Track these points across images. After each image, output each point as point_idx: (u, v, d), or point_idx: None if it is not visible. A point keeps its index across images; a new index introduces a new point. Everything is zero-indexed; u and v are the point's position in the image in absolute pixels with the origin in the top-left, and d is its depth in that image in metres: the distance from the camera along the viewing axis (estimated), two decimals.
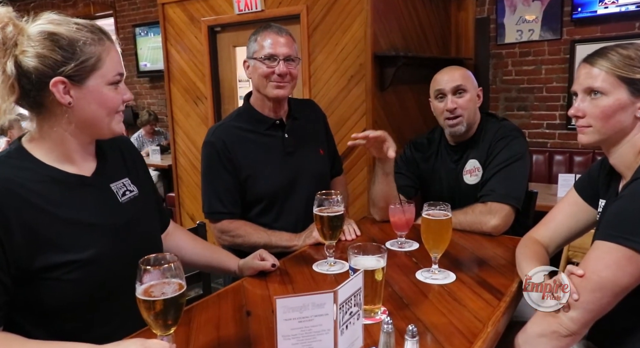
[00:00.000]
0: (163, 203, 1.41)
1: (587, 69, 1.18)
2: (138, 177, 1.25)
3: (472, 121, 1.83)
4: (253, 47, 1.68)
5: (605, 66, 1.15)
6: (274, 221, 1.71)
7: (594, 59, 1.17)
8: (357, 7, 3.23)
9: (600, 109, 1.15)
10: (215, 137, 1.69)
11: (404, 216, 1.54)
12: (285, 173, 1.71)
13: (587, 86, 1.17)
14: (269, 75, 1.66)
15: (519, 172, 1.72)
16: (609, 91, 1.14)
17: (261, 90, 1.69)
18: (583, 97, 1.19)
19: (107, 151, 1.21)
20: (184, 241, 1.42)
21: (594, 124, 1.17)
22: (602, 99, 1.15)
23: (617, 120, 1.15)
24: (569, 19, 3.86)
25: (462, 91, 1.80)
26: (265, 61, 1.65)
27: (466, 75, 1.84)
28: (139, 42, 6.38)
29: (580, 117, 1.19)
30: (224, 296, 1.26)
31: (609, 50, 1.16)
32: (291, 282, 1.33)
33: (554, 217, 1.39)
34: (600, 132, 1.17)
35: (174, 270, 0.90)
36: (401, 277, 1.34)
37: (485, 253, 1.51)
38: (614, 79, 1.14)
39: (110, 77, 1.06)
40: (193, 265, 1.45)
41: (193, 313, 1.16)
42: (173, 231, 1.43)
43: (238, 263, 1.39)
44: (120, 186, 1.18)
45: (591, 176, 1.33)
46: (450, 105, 1.79)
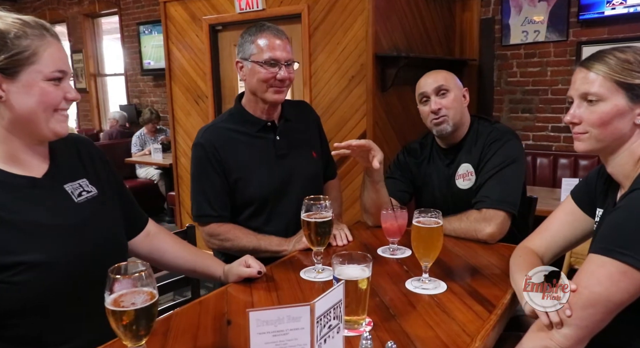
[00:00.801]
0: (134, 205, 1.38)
1: (583, 74, 1.13)
2: (98, 178, 1.23)
3: (458, 121, 1.78)
4: (250, 49, 1.62)
5: (602, 70, 1.10)
6: (264, 225, 1.67)
7: (590, 63, 1.13)
8: (359, 7, 3.19)
9: (598, 116, 1.10)
10: (205, 139, 1.65)
11: (396, 222, 1.50)
12: (276, 176, 1.68)
13: (583, 91, 1.12)
14: (269, 80, 1.62)
15: (514, 176, 1.67)
16: (607, 97, 1.09)
17: (259, 94, 1.65)
18: (579, 103, 1.14)
19: (62, 152, 1.18)
20: (167, 244, 1.39)
21: (591, 131, 1.12)
22: (599, 105, 1.10)
23: (615, 127, 1.10)
24: (575, 20, 3.79)
25: (444, 91, 1.76)
26: (265, 66, 1.61)
27: (448, 76, 1.80)
28: (143, 40, 6.37)
29: (576, 123, 1.14)
30: (205, 304, 1.22)
31: (606, 53, 1.11)
32: (277, 289, 1.29)
33: (550, 226, 1.34)
34: (598, 139, 1.12)
35: (144, 279, 0.86)
36: (390, 286, 1.30)
37: (479, 262, 1.47)
38: (611, 84, 1.09)
39: (47, 72, 1.04)
40: (176, 270, 1.41)
41: (172, 321, 1.13)
42: (156, 233, 1.39)
43: (223, 269, 1.35)
44: (77, 186, 1.16)
45: (589, 184, 1.28)
46: (434, 106, 1.75)
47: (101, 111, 7.53)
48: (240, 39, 1.66)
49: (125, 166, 5.54)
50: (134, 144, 5.63)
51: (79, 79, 7.51)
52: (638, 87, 1.08)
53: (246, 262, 1.33)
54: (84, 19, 7.13)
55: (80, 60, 7.38)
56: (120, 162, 5.53)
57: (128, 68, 6.82)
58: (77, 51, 7.37)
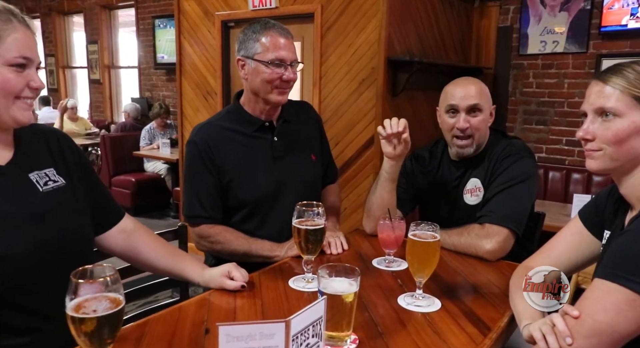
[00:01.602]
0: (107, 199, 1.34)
1: (599, 87, 1.06)
2: (68, 169, 1.19)
3: (481, 142, 1.70)
4: (254, 48, 1.56)
5: (620, 84, 1.03)
6: (257, 229, 1.61)
7: (607, 77, 1.05)
8: (373, 9, 3.12)
9: (613, 132, 1.03)
10: (199, 137, 1.59)
11: (393, 233, 1.43)
12: (272, 178, 1.61)
13: (598, 105, 1.05)
14: (274, 81, 1.55)
15: (524, 194, 1.58)
16: (624, 113, 1.02)
17: (262, 95, 1.59)
18: (593, 118, 1.07)
19: (29, 141, 1.16)
20: (144, 243, 1.33)
21: (605, 149, 1.05)
22: (616, 121, 1.03)
23: (631, 146, 1.03)
24: (596, 31, 3.68)
25: (477, 110, 1.66)
26: (270, 66, 1.54)
27: (483, 92, 1.69)
28: (158, 34, 6.37)
29: (589, 140, 1.07)
30: (185, 310, 1.16)
31: (624, 67, 1.04)
32: (262, 298, 1.23)
33: (554, 246, 1.26)
34: (612, 158, 1.05)
35: (110, 284, 0.80)
36: (381, 301, 1.23)
37: (478, 279, 1.39)
38: (629, 100, 1.02)
39: (9, 57, 1.00)
40: (152, 270, 1.36)
41: (147, 327, 1.07)
42: (133, 231, 1.33)
43: (203, 274, 1.29)
44: (43, 176, 1.13)
45: (598, 204, 1.21)
46: (463, 124, 1.64)
47: (113, 103, 7.55)
48: (242, 35, 1.59)
49: (133, 159, 5.53)
50: (142, 138, 5.61)
51: (93, 70, 7.54)
52: None
53: (230, 273, 1.26)
54: (101, 11, 7.15)
55: (95, 51, 7.41)
56: (128, 155, 5.53)
57: (142, 61, 6.83)
58: (93, 42, 7.40)
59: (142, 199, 5.39)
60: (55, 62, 8.20)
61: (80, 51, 7.91)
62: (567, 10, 3.79)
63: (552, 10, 3.87)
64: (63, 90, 8.24)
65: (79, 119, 6.76)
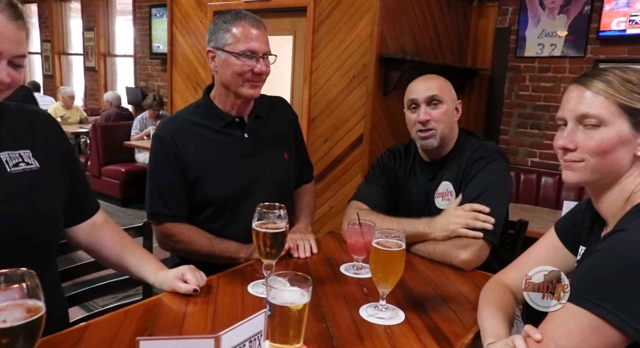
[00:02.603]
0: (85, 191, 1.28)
1: (579, 92, 0.98)
2: (47, 154, 1.15)
3: (446, 136, 1.64)
4: (224, 38, 1.48)
5: (604, 89, 0.95)
6: (223, 229, 1.53)
7: (588, 81, 0.98)
8: (366, 4, 3.05)
9: (597, 142, 0.95)
10: (165, 131, 1.52)
11: (362, 238, 1.36)
12: (241, 176, 1.54)
13: (581, 112, 0.97)
14: (245, 73, 1.48)
15: (497, 201, 1.52)
16: (609, 121, 0.94)
17: (232, 88, 1.51)
18: (574, 126, 0.98)
19: (9, 120, 1.11)
20: (107, 238, 1.28)
21: (588, 160, 0.97)
22: (600, 130, 0.95)
23: (615, 157, 0.95)
24: (595, 36, 3.61)
25: (437, 101, 1.61)
26: (241, 58, 1.47)
27: (443, 85, 1.65)
28: (154, 23, 6.29)
29: (570, 149, 0.99)
30: (132, 314, 1.10)
31: (607, 72, 0.97)
32: (216, 303, 1.17)
33: (528, 259, 1.19)
34: (594, 170, 0.97)
35: (27, 291, 0.74)
36: (342, 311, 1.17)
37: (448, 291, 1.33)
38: (614, 108, 0.94)
39: None
40: (113, 267, 1.31)
41: (86, 333, 1.00)
42: (100, 225, 1.29)
43: (158, 275, 1.22)
44: (16, 156, 1.09)
45: (575, 217, 1.14)
46: (423, 116, 1.60)
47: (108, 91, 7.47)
48: (213, 25, 1.51)
49: (124, 149, 5.46)
50: (134, 127, 5.54)
51: (88, 58, 7.46)
52: None
53: (183, 276, 1.19)
54: None
55: (91, 38, 7.32)
56: (119, 145, 5.46)
57: (137, 50, 6.74)
58: (89, 29, 7.31)
59: (131, 190, 5.32)
60: (51, 48, 8.11)
61: (77, 38, 7.82)
62: (566, 13, 3.72)
63: (551, 12, 3.80)
64: (58, 76, 8.16)
65: (74, 108, 6.68)
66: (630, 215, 0.90)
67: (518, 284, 1.19)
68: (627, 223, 0.88)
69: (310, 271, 1.40)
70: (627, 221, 0.90)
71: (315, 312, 1.15)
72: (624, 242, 0.85)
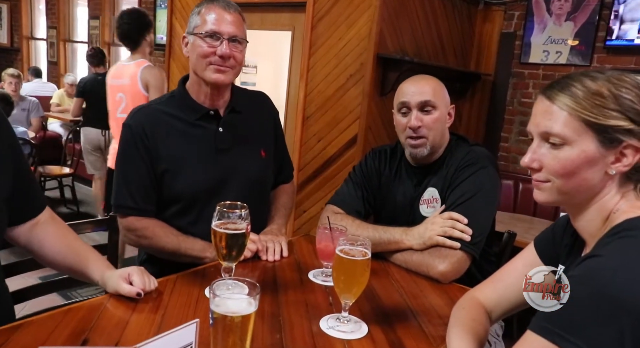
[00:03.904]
0: (31, 188, 1.19)
1: (544, 106, 0.89)
2: None
3: (437, 144, 1.56)
4: (194, 21, 1.43)
5: (568, 104, 0.86)
6: (191, 226, 1.46)
7: (553, 93, 0.88)
8: (366, 2, 2.97)
9: (561, 163, 0.87)
10: (135, 120, 1.45)
11: (332, 243, 1.28)
12: (212, 172, 1.47)
13: (544, 129, 0.88)
14: (209, 55, 1.41)
15: (483, 212, 1.44)
16: (572, 140, 0.86)
17: (198, 72, 1.45)
18: (540, 143, 0.90)
19: None
20: (50, 236, 1.19)
21: (553, 181, 0.89)
22: (564, 150, 0.86)
23: (583, 178, 0.87)
24: (601, 45, 3.51)
25: (430, 107, 1.53)
26: (206, 39, 1.40)
27: (438, 89, 1.56)
28: (158, 14, 6.21)
29: (535, 169, 0.91)
30: (72, 314, 1.03)
31: (575, 82, 0.87)
32: (167, 307, 1.10)
33: (505, 277, 1.11)
34: (561, 191, 0.89)
35: None
36: (302, 321, 1.09)
37: (420, 304, 1.25)
38: (578, 124, 0.85)
39: None
40: (56, 268, 1.21)
41: (17, 333, 0.93)
42: (44, 222, 1.20)
43: (103, 274, 1.15)
44: None
45: (555, 234, 1.06)
46: (414, 122, 1.52)
47: None
48: (191, 12, 1.46)
49: None
50: None
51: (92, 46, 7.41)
52: (612, 130, 0.84)
53: (130, 276, 1.12)
54: None
55: (96, 27, 7.27)
56: None
57: None
58: (95, 17, 7.26)
59: None
60: (56, 34, 8.07)
61: (82, 26, 7.78)
62: (574, 20, 3.62)
63: (557, 19, 3.70)
64: (62, 63, 8.11)
65: None
66: (608, 238, 0.82)
67: (493, 302, 1.11)
68: (603, 248, 0.80)
69: (276, 275, 1.33)
70: (604, 244, 0.81)
71: (272, 320, 1.08)
72: (599, 270, 0.77)
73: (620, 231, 0.81)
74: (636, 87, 0.86)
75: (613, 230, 0.83)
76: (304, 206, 3.37)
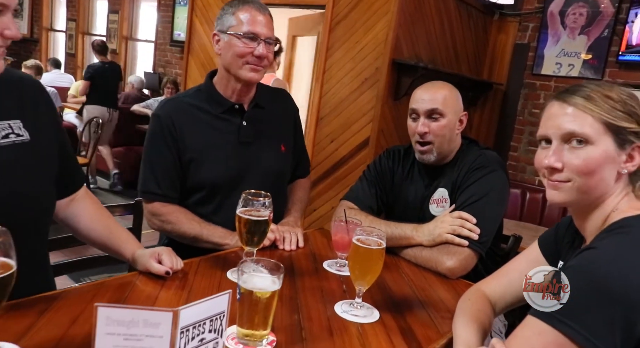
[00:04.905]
0: (72, 165, 1.26)
1: (565, 110, 0.95)
2: (37, 125, 1.10)
3: (445, 150, 1.62)
4: (229, 21, 1.50)
5: (590, 108, 0.93)
6: (212, 214, 1.54)
7: (573, 99, 0.95)
8: (384, 8, 3.04)
9: (585, 162, 0.93)
10: (164, 111, 1.53)
11: (347, 235, 1.35)
12: (234, 163, 1.55)
13: (568, 130, 0.94)
14: (246, 55, 1.49)
15: (490, 213, 1.50)
16: (595, 140, 0.92)
17: (232, 70, 1.53)
18: (559, 144, 0.96)
19: None
20: (86, 212, 1.26)
21: (575, 180, 0.94)
22: (587, 149, 0.93)
23: (602, 177, 0.93)
24: (614, 59, 3.57)
25: (437, 115, 1.59)
26: (243, 39, 1.48)
27: (448, 97, 1.61)
28: (177, 11, 6.34)
29: (558, 170, 0.96)
30: (104, 288, 1.10)
31: (589, 90, 0.94)
32: (192, 287, 1.17)
33: (509, 272, 1.18)
34: (581, 190, 0.94)
35: None
36: (317, 305, 1.16)
37: (428, 296, 1.31)
38: (600, 126, 0.92)
39: None
40: (89, 242, 1.29)
41: (58, 301, 1.01)
42: (80, 198, 1.27)
43: (135, 252, 1.23)
44: (5, 127, 1.03)
45: (558, 232, 1.12)
46: (421, 128, 1.59)
47: (127, 74, 7.52)
48: (221, 11, 1.53)
49: (137, 132, 5.51)
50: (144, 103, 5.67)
51: (111, 40, 7.53)
52: (625, 132, 0.92)
53: (159, 255, 1.20)
54: None
55: (115, 21, 7.40)
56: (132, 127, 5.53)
57: (159, 36, 6.80)
58: (114, 11, 7.39)
59: None
60: (75, 27, 8.21)
61: (102, 20, 7.91)
62: (587, 34, 3.68)
63: (571, 32, 3.76)
64: (80, 56, 8.25)
65: None
66: (604, 233, 0.89)
67: (497, 295, 1.18)
68: (599, 241, 0.87)
69: (292, 263, 1.40)
70: (600, 239, 0.88)
71: (289, 303, 1.15)
72: (594, 260, 0.84)
73: (616, 228, 0.88)
74: (631, 96, 0.94)
75: (610, 227, 0.90)
76: (315, 204, 3.44)
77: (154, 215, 1.53)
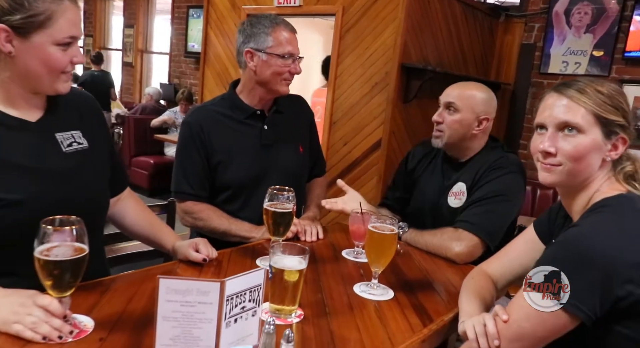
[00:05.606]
0: (119, 168, 1.42)
1: (562, 101, 1.08)
2: (93, 134, 1.25)
3: (453, 143, 1.75)
4: (265, 41, 1.64)
5: (584, 101, 1.06)
6: (239, 211, 1.69)
7: (569, 91, 1.08)
8: (392, 15, 3.18)
9: (575, 148, 1.06)
10: (193, 118, 1.69)
11: (363, 225, 1.49)
12: (257, 164, 1.70)
13: (564, 120, 1.07)
14: (284, 72, 1.66)
15: (501, 210, 1.62)
16: (586, 129, 1.05)
17: (270, 85, 1.68)
18: (554, 132, 1.09)
19: (62, 104, 1.20)
20: (130, 209, 1.42)
21: (565, 164, 1.07)
22: (578, 137, 1.05)
23: (589, 162, 1.06)
24: (620, 56, 3.65)
25: (453, 109, 1.73)
26: (282, 59, 1.64)
27: (469, 96, 1.73)
28: (191, 23, 6.55)
29: (552, 154, 1.09)
30: (151, 273, 1.25)
31: (583, 84, 1.07)
32: (225, 273, 1.31)
33: (509, 252, 1.31)
34: (570, 173, 1.07)
35: (74, 234, 0.90)
36: (338, 286, 1.30)
37: (438, 278, 1.44)
38: (591, 117, 1.05)
39: (59, 38, 1.06)
40: (133, 236, 1.45)
41: (115, 284, 1.16)
42: (126, 198, 1.43)
43: (175, 243, 1.38)
44: (69, 137, 1.19)
45: (551, 215, 1.25)
46: (436, 117, 1.76)
47: (143, 86, 7.78)
48: (250, 28, 1.66)
49: (154, 142, 5.70)
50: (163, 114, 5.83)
51: (127, 53, 7.79)
52: (612, 124, 1.04)
53: (197, 245, 1.34)
54: None
55: (130, 35, 7.65)
56: (150, 137, 5.71)
57: (173, 48, 7.03)
58: (129, 26, 7.64)
59: (158, 181, 5.54)
60: (92, 42, 8.50)
61: (117, 34, 8.18)
62: (593, 32, 3.77)
63: (577, 31, 3.86)
64: None
65: (115, 103, 6.99)
66: (587, 212, 1.02)
67: (498, 273, 1.31)
68: (583, 220, 1.01)
69: (314, 253, 1.54)
70: (583, 218, 1.02)
71: (313, 284, 1.29)
72: (576, 235, 0.97)
73: (597, 207, 1.02)
74: (619, 92, 1.07)
75: (593, 207, 1.03)
76: None
77: (187, 213, 1.68)
